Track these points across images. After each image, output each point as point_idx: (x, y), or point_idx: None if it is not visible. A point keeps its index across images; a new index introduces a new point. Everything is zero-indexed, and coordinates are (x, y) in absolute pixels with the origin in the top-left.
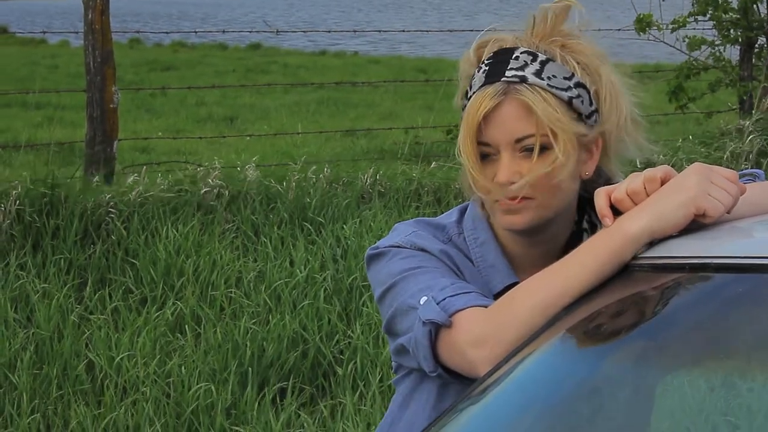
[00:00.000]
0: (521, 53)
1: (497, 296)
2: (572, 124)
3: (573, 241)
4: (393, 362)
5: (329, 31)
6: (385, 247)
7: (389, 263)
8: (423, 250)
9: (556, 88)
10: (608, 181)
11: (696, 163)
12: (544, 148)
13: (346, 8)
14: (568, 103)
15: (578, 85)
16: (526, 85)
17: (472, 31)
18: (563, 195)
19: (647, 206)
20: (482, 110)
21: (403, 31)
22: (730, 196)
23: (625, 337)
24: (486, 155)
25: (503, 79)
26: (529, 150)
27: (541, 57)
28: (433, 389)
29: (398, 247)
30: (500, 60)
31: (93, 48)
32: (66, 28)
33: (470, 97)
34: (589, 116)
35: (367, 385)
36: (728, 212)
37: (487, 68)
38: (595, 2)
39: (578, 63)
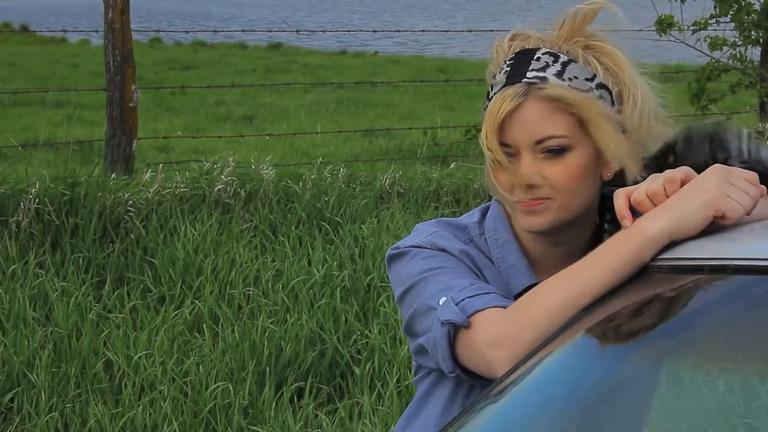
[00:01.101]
0: (542, 54)
1: (517, 297)
2: (598, 114)
3: (595, 241)
4: (414, 363)
5: (350, 31)
6: (405, 247)
7: (410, 263)
8: (443, 250)
9: (578, 89)
10: (627, 183)
11: (716, 164)
12: (564, 150)
13: (374, 9)
14: (590, 100)
15: (600, 86)
16: (548, 84)
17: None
18: (584, 196)
19: (667, 207)
20: (503, 111)
21: (423, 31)
22: (750, 197)
23: (643, 339)
24: (508, 155)
25: (524, 80)
26: (550, 152)
27: (563, 58)
28: (451, 389)
29: (419, 247)
30: (521, 61)
31: (113, 47)
32: (87, 27)
33: (491, 97)
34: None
35: (385, 385)
36: (748, 214)
37: (508, 69)
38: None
39: (601, 64)
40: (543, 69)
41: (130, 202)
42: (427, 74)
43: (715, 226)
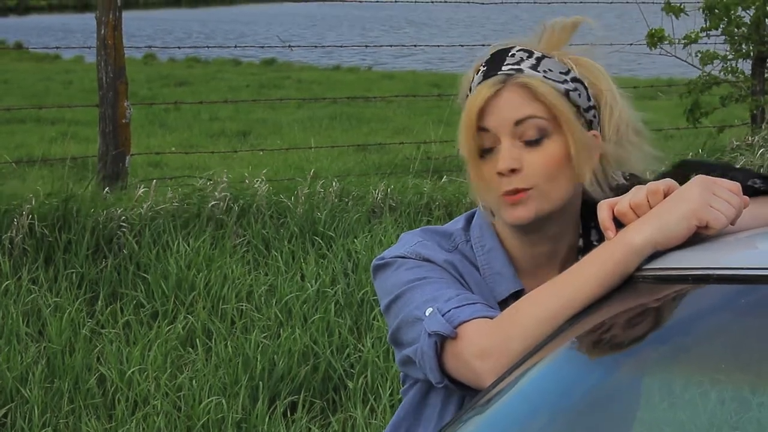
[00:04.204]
0: (517, 51)
1: (502, 303)
2: (571, 110)
3: (581, 248)
4: (401, 374)
5: (341, 46)
6: (390, 258)
7: (395, 274)
8: (428, 260)
9: (553, 80)
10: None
11: (699, 175)
12: (542, 138)
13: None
14: (565, 95)
15: (575, 80)
16: (523, 75)
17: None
18: (563, 187)
19: (650, 218)
20: (482, 97)
21: (415, 45)
22: (733, 207)
23: (629, 349)
24: (487, 151)
25: (500, 72)
26: (529, 142)
27: (537, 54)
28: (439, 400)
29: (404, 257)
30: (496, 59)
31: (105, 63)
32: (81, 44)
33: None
34: (587, 110)
35: (378, 399)
36: (732, 224)
37: (485, 68)
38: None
39: (576, 65)
40: (518, 63)
41: (123, 217)
42: (421, 89)
43: (699, 236)
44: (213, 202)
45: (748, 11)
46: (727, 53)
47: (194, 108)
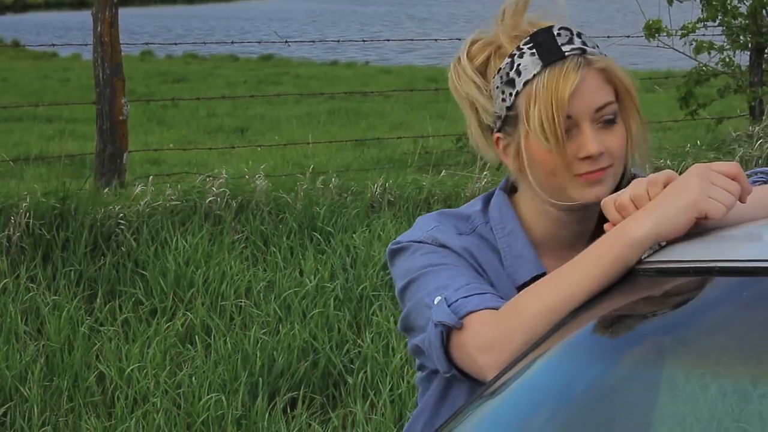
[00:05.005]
0: (560, 30)
1: (523, 287)
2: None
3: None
4: (416, 361)
5: (338, 41)
6: (406, 242)
7: (410, 258)
8: (444, 246)
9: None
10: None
11: (696, 164)
12: (614, 119)
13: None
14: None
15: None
16: (590, 56)
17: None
18: (623, 167)
19: (650, 210)
20: (572, 83)
21: (412, 40)
22: (731, 195)
23: (632, 342)
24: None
25: (567, 53)
26: (606, 122)
27: (575, 29)
28: (467, 390)
29: (419, 242)
30: (545, 39)
31: (102, 60)
32: (78, 41)
33: (525, 83)
34: None
35: (378, 394)
36: (731, 208)
37: (534, 51)
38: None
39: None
40: (571, 41)
41: (121, 215)
42: (418, 83)
43: (701, 227)
44: (211, 198)
45: (745, 2)
46: (725, 44)
47: (192, 104)
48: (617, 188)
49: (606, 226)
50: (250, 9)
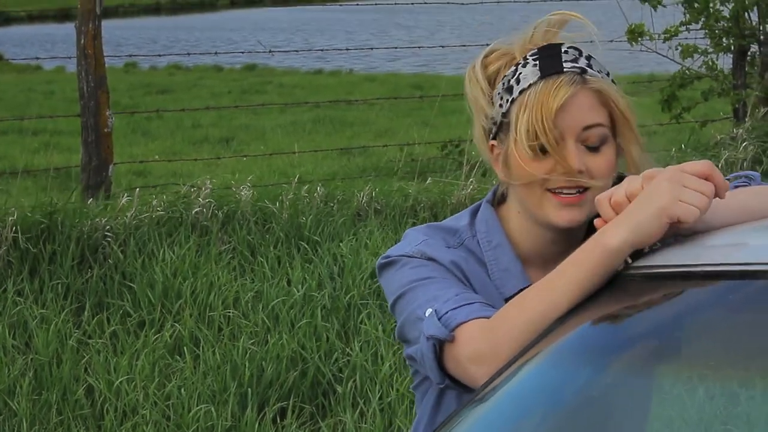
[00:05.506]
0: (568, 48)
1: (510, 299)
2: (630, 110)
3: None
4: (411, 368)
5: (322, 50)
6: (395, 256)
7: (399, 272)
8: (432, 259)
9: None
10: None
11: (668, 167)
12: (602, 143)
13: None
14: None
15: (614, 81)
16: (589, 77)
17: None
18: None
19: (624, 219)
20: (561, 96)
21: (396, 48)
22: (704, 196)
23: (620, 346)
24: (543, 148)
25: (566, 69)
26: (591, 146)
27: (585, 53)
28: (453, 403)
29: (408, 256)
30: (550, 54)
31: (86, 73)
32: (62, 54)
33: (521, 91)
34: None
35: (367, 402)
36: (705, 212)
37: (537, 63)
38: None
39: None
40: (575, 60)
41: (108, 227)
42: (403, 91)
43: (683, 231)
44: (197, 209)
45: (727, 4)
46: (708, 47)
47: (176, 115)
48: None
49: (597, 222)
50: (235, 18)
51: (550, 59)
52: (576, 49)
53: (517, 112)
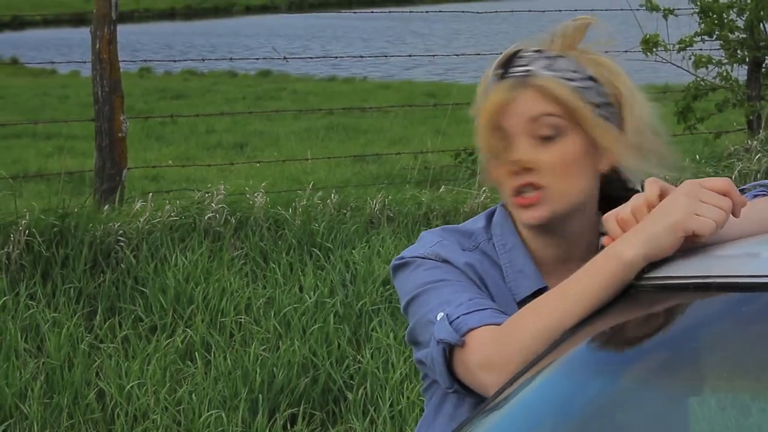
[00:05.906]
0: (527, 52)
1: (523, 302)
2: (586, 105)
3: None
4: (421, 372)
5: (336, 57)
6: (410, 257)
7: (413, 274)
8: (446, 261)
9: (563, 78)
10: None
11: (687, 181)
12: (556, 135)
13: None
14: (578, 91)
15: (590, 78)
16: (535, 77)
17: (478, 55)
18: (579, 185)
19: (639, 231)
20: (495, 101)
21: (410, 55)
22: (722, 211)
23: (630, 358)
24: (502, 152)
25: (509, 75)
26: (544, 140)
27: (550, 54)
28: (456, 402)
29: (422, 258)
30: (508, 61)
31: (101, 78)
32: (77, 58)
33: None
34: (599, 106)
35: (378, 410)
36: (722, 227)
37: (498, 70)
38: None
39: (596, 65)
40: (528, 64)
41: (121, 232)
42: (417, 99)
43: (697, 244)
44: (210, 215)
45: (741, 16)
46: (722, 58)
47: (191, 121)
48: (615, 205)
49: (605, 240)
50: (251, 25)
51: (504, 66)
52: (538, 51)
53: (478, 122)
